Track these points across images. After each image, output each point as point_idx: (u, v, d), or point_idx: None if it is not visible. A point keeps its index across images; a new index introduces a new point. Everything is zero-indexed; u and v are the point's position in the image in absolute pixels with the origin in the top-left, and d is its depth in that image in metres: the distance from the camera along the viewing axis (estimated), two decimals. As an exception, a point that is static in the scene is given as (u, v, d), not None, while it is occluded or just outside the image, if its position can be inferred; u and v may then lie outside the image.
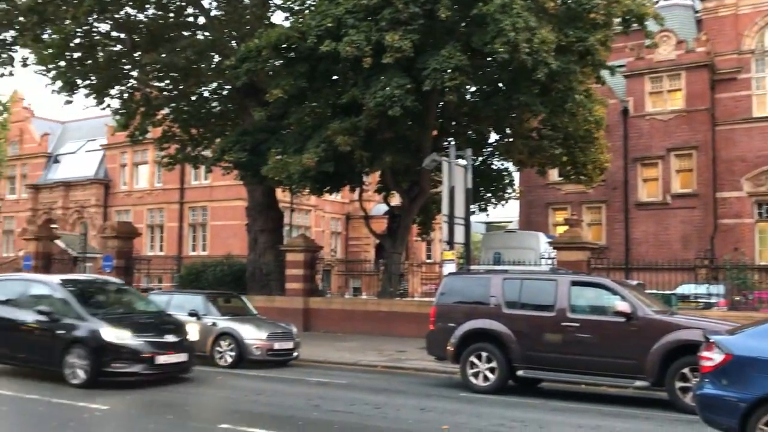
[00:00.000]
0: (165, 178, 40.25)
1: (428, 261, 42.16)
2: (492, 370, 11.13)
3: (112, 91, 23.18)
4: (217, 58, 21.80)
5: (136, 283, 24.05)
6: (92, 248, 32.08)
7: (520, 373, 11.14)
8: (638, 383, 10.36)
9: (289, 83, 16.89)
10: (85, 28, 21.21)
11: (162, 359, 11.08)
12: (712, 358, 7.12)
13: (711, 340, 7.28)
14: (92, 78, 22.05)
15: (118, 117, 23.87)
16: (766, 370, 6.77)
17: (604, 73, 18.87)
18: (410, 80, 15.71)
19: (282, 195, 26.37)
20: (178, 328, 11.95)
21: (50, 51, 20.72)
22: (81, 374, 10.69)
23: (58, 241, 28.84)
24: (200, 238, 39.47)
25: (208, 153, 24.17)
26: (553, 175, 28.19)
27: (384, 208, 26.78)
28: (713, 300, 16.50)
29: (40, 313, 11.34)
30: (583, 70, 17.58)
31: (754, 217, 28.55)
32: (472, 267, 14.65)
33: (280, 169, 17.41)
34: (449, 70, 15.08)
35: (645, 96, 29.96)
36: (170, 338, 11.44)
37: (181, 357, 11.48)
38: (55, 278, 12.59)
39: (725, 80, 29.34)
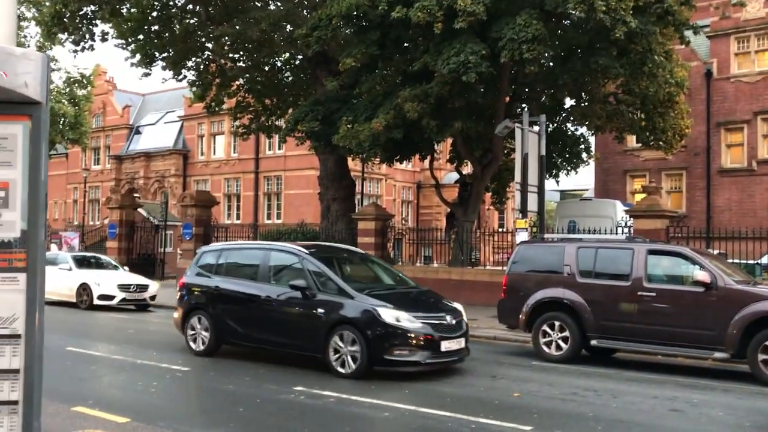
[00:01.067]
0: (240, 148, 41.18)
1: (501, 230, 41.81)
2: (565, 339, 11.04)
3: (189, 63, 23.79)
4: (289, 28, 22.00)
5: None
6: (173, 216, 33.24)
7: (593, 342, 11.00)
8: (717, 354, 10.07)
9: (360, 51, 16.90)
10: (162, 1, 21.77)
11: (446, 345, 9.35)
12: (798, 330, 6.86)
13: (797, 312, 6.99)
14: (169, 51, 22.68)
15: (194, 89, 24.50)
16: None
17: (687, 34, 18.06)
18: (485, 47, 15.44)
19: (353, 164, 26.58)
20: (453, 306, 10.15)
21: (129, 25, 21.38)
22: (351, 362, 9.12)
23: (140, 210, 30.06)
24: (275, 207, 40.33)
25: (281, 123, 24.56)
26: (631, 141, 27.32)
27: (455, 176, 26.62)
28: (801, 270, 15.81)
29: (294, 288, 9.77)
30: (663, 31, 16.88)
31: None
32: (546, 235, 14.45)
33: (350, 137, 17.53)
34: (527, 41, 14.69)
35: (730, 57, 28.55)
36: (450, 319, 9.65)
37: (462, 342, 9.73)
38: (300, 246, 10.75)
39: (819, 38, 27.60)
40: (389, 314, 9.12)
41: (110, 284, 18.30)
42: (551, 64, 18.44)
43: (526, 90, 20.45)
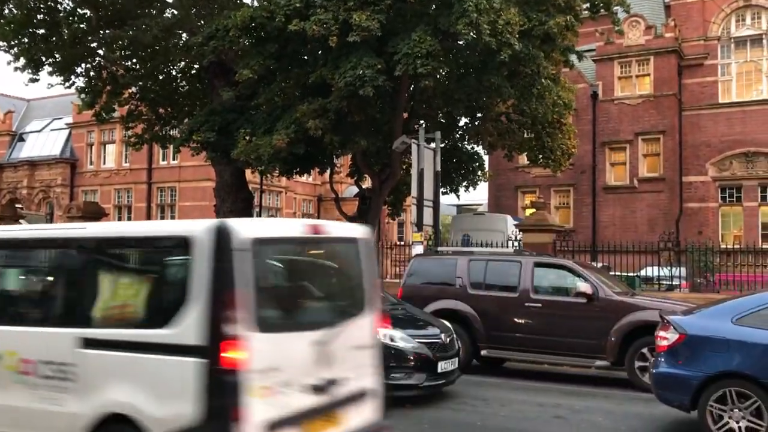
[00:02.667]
0: (133, 158, 39.68)
1: (400, 243, 42.33)
2: (457, 350, 11.27)
3: (78, 69, 22.74)
4: (185, 36, 21.48)
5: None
6: (58, 228, 31.61)
7: (484, 352, 11.31)
8: (599, 363, 10.59)
9: (258, 63, 16.71)
10: (49, 3, 20.74)
11: (442, 366, 8.81)
12: (668, 337, 7.32)
13: (667, 321, 7.46)
14: (57, 55, 21.61)
15: (83, 96, 23.43)
16: (717, 348, 6.99)
17: (573, 58, 19.00)
18: (380, 61, 15.65)
19: (252, 176, 26.19)
20: (444, 324, 9.68)
21: (12, 26, 20.23)
22: None
23: (22, 221, 28.38)
24: (169, 219, 39.11)
25: (176, 133, 23.87)
26: (522, 158, 28.40)
27: (355, 190, 26.74)
28: (676, 282, 16.83)
29: None
30: (551, 55, 17.67)
31: (717, 201, 29.13)
32: (440, 248, 14.75)
33: (250, 151, 17.29)
34: (421, 56, 15.01)
35: (614, 80, 30.27)
36: (444, 337, 9.11)
37: (456, 363, 9.27)
38: None
39: (692, 66, 29.76)
40: (382, 333, 8.26)
41: None
42: (447, 81, 18.92)
43: (423, 106, 20.86)
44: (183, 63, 23.13)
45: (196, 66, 22.32)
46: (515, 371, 11.99)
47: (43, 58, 21.31)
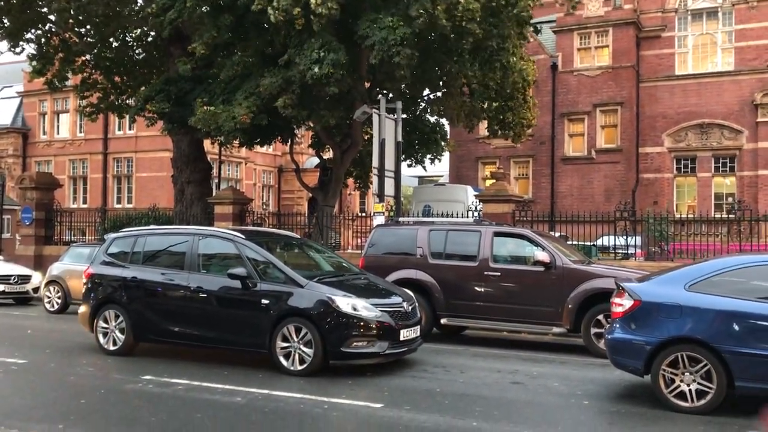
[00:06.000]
0: (88, 128, 38.72)
1: (362, 214, 42.31)
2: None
3: (28, 36, 21.99)
4: (140, 3, 20.88)
5: (57, 236, 23.32)
6: (10, 200, 30.85)
7: (443, 321, 11.44)
8: (556, 330, 10.81)
9: (211, 36, 16.32)
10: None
11: (404, 334, 8.86)
12: (623, 304, 7.48)
13: (622, 287, 7.62)
14: (5, 21, 20.85)
15: (34, 63, 22.69)
16: (670, 314, 7.16)
17: (530, 30, 19.04)
18: (344, 55, 15.33)
19: (210, 147, 25.81)
20: (406, 292, 9.74)
21: (-43, -10, 19.44)
22: (305, 357, 8.46)
23: (-27, 193, 27.54)
24: (125, 190, 38.39)
25: (132, 102, 23.33)
26: (482, 129, 28.55)
27: (316, 160, 26.56)
28: (631, 251, 17.17)
29: (232, 277, 8.94)
30: (513, 30, 17.62)
31: (673, 171, 29.72)
32: (400, 219, 14.79)
33: (208, 120, 16.97)
34: (396, 44, 14.75)
35: (574, 52, 30.48)
36: (406, 306, 9.17)
37: (417, 331, 9.31)
38: (235, 231, 10.08)
39: (650, 38, 30.09)
40: (345, 302, 8.54)
41: None
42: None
43: (385, 79, 20.72)
44: (138, 31, 22.55)
45: (152, 34, 21.78)
46: (474, 339, 12.18)
47: (-10, 24, 20.57)
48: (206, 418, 6.74)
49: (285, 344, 8.61)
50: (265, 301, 8.78)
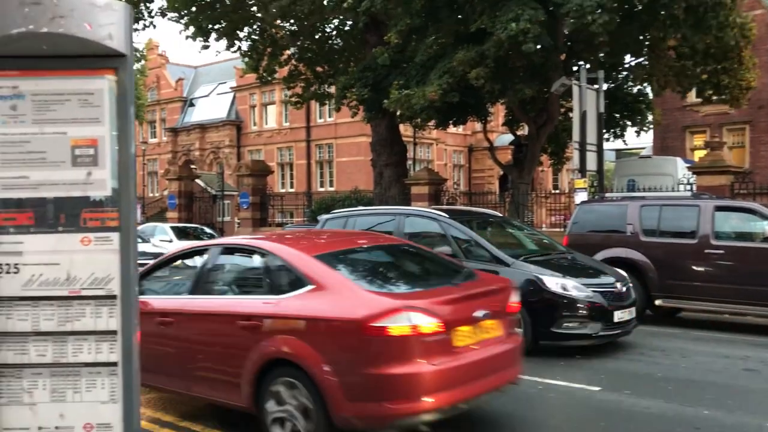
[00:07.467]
0: (292, 118, 41.38)
1: (555, 191, 41.18)
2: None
3: (241, 34, 23.91)
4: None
5: (270, 219, 25.20)
6: (229, 186, 33.78)
7: (658, 302, 10.81)
8: (791, 313, 9.79)
9: (404, 23, 16.61)
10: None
11: (618, 315, 8.49)
12: None
13: None
14: (222, 22, 22.81)
15: (247, 59, 24.63)
16: None
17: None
18: (542, 13, 14.90)
19: (404, 129, 26.46)
20: (618, 272, 9.34)
21: (181, -1, 21.56)
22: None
23: (198, 181, 30.59)
24: (327, 174, 40.55)
25: (333, 90, 24.52)
26: (691, 96, 26.42)
27: (508, 138, 26.27)
28: None
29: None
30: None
31: None
32: (606, 195, 14.17)
33: (402, 102, 17.35)
34: (592, 10, 14.06)
35: (798, 3, 27.16)
36: (620, 286, 8.79)
37: (633, 312, 8.86)
38: (438, 210, 10.07)
39: None
40: (554, 282, 8.28)
41: None
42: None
43: (583, 47, 19.86)
44: (336, 21, 23.57)
45: (349, 22, 22.68)
46: (691, 321, 11.37)
47: (210, 25, 22.58)
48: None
49: None
50: None
